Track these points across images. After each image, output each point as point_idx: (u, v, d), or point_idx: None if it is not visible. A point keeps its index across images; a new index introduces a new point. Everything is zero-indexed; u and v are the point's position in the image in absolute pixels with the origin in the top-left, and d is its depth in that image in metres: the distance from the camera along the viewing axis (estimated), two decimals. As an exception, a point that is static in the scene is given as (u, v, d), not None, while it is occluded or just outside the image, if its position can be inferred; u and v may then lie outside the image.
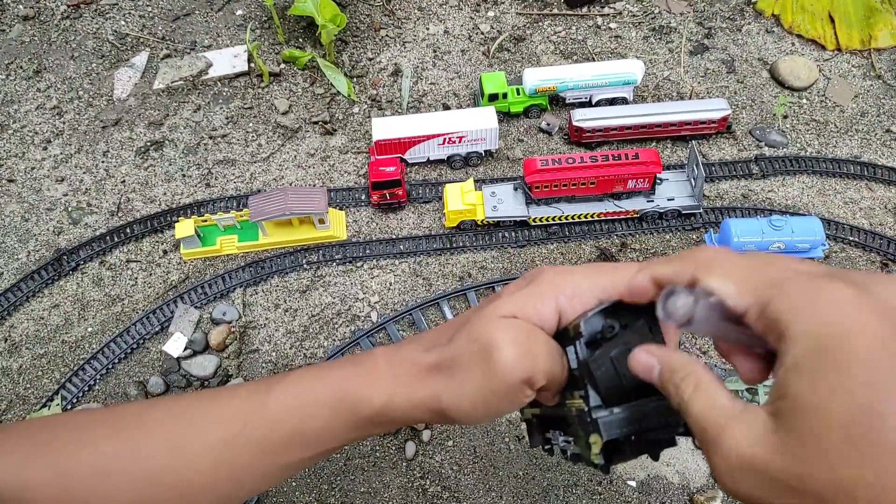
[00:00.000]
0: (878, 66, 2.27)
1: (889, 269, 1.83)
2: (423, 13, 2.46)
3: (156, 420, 0.65)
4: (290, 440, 0.63)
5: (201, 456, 0.62)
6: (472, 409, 0.59)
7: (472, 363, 0.58)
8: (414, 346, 0.65)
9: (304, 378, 0.66)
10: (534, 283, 0.60)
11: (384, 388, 0.62)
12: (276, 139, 2.14)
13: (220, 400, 0.66)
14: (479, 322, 0.59)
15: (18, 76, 2.31)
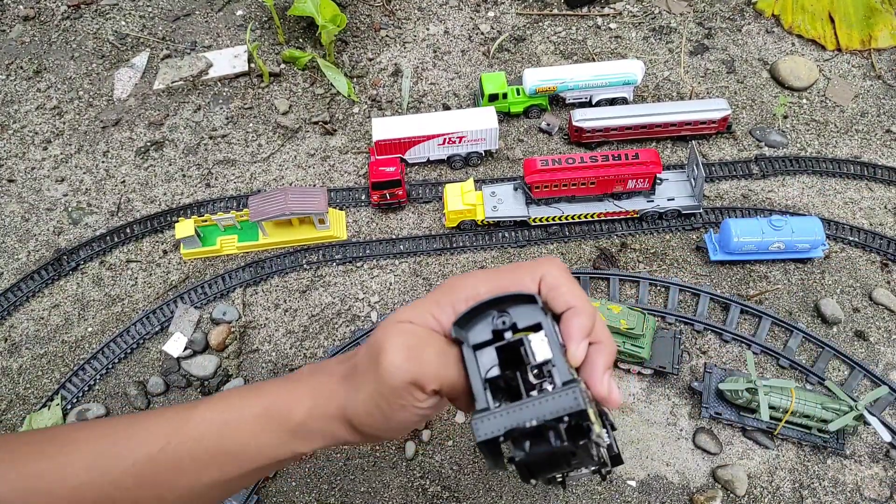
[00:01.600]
0: (878, 66, 2.27)
1: (889, 268, 1.83)
2: (423, 13, 2.46)
3: (82, 439, 0.65)
4: (214, 456, 0.63)
5: (125, 473, 0.62)
6: (367, 416, 0.60)
7: (366, 369, 0.59)
8: (335, 360, 0.66)
9: (230, 395, 0.66)
10: (435, 291, 0.62)
11: (305, 400, 0.62)
12: (276, 139, 2.14)
13: (147, 419, 0.66)
14: (377, 329, 0.61)
15: (19, 76, 2.31)
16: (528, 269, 0.62)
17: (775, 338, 1.71)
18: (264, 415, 0.63)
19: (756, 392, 1.49)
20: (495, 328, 0.58)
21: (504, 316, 0.58)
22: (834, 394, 1.53)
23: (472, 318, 0.58)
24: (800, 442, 1.54)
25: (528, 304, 0.58)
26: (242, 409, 0.64)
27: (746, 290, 1.79)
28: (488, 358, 0.58)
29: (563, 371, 0.56)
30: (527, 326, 0.58)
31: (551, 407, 0.53)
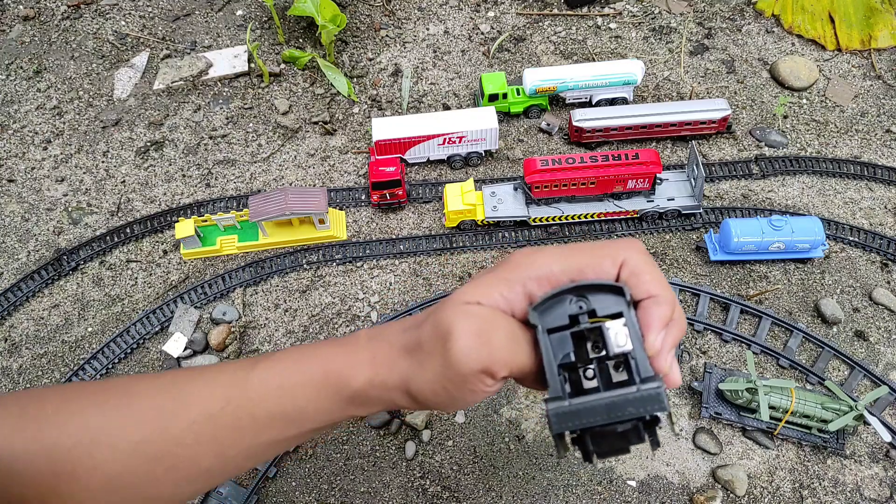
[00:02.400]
0: (878, 66, 2.27)
1: (889, 268, 1.83)
2: (423, 13, 2.46)
3: (143, 393, 0.65)
4: (273, 418, 0.63)
5: (185, 430, 0.62)
6: (433, 396, 0.58)
7: (433, 349, 0.58)
8: (395, 329, 0.64)
9: (287, 357, 0.65)
10: (501, 268, 0.59)
11: (364, 368, 0.61)
12: (276, 139, 2.14)
13: (205, 376, 0.66)
14: (442, 308, 0.58)
15: (18, 76, 2.31)
16: (608, 251, 0.58)
17: (775, 338, 1.71)
18: (322, 381, 0.62)
19: (756, 392, 1.49)
20: (572, 313, 0.55)
21: (582, 301, 0.55)
22: (834, 394, 1.53)
23: (547, 301, 0.56)
24: (800, 442, 1.54)
25: (610, 293, 0.56)
26: (300, 373, 0.63)
27: (746, 290, 1.79)
28: (562, 343, 0.56)
29: (643, 365, 0.54)
30: (606, 315, 0.56)
31: (634, 405, 0.52)
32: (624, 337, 0.54)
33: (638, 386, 0.53)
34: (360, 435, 1.59)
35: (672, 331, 0.57)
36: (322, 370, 0.63)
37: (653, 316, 0.56)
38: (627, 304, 0.55)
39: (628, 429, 0.53)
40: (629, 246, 0.58)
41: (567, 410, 0.53)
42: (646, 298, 0.57)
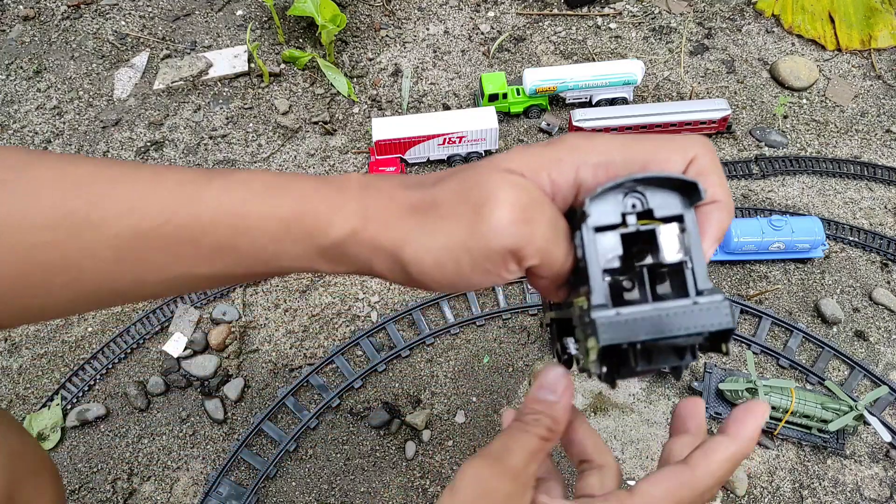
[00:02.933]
0: (878, 66, 2.27)
1: (889, 268, 1.83)
2: (423, 13, 2.46)
3: (46, 182, 0.49)
4: (220, 250, 0.51)
5: (102, 243, 0.49)
6: (435, 267, 0.49)
7: (455, 212, 0.48)
8: (396, 182, 0.54)
9: (253, 179, 0.52)
10: (553, 146, 0.50)
11: (350, 217, 0.50)
12: (276, 139, 2.14)
13: (141, 180, 0.51)
14: (477, 170, 0.50)
15: (18, 76, 2.31)
16: (678, 144, 0.50)
17: (775, 338, 1.71)
18: (294, 220, 0.50)
19: (756, 392, 1.49)
20: (625, 211, 0.48)
21: (637, 197, 0.48)
22: (834, 394, 1.53)
23: (604, 192, 0.47)
24: (800, 442, 1.55)
25: (673, 190, 0.48)
26: (268, 204, 0.51)
27: (746, 290, 1.79)
28: (610, 244, 0.48)
29: (702, 277, 0.47)
30: (663, 216, 0.48)
31: (696, 320, 0.45)
32: (679, 244, 0.47)
33: (696, 298, 0.46)
34: (360, 435, 1.59)
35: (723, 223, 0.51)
36: (296, 207, 0.51)
37: (713, 222, 0.50)
38: (688, 204, 0.48)
39: (687, 343, 0.47)
40: (701, 142, 0.51)
41: (616, 320, 0.45)
42: (709, 202, 0.50)
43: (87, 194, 0.49)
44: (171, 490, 1.54)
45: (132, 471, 1.57)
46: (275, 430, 1.59)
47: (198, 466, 1.57)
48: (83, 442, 1.60)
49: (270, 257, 0.51)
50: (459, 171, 0.51)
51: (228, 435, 1.60)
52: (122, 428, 1.62)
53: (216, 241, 0.50)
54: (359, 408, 1.63)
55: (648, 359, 0.47)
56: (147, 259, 0.50)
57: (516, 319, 1.75)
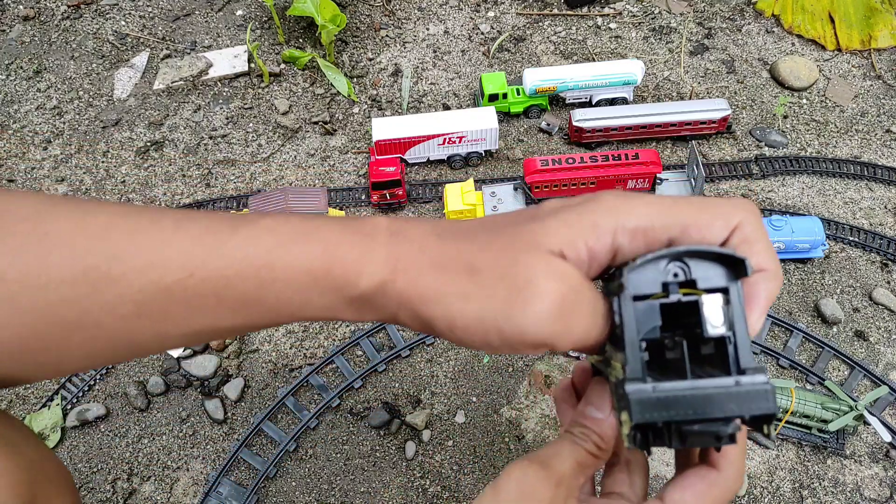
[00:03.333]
0: (878, 66, 2.27)
1: (889, 268, 1.83)
2: (423, 13, 2.46)
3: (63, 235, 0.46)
4: (245, 304, 0.48)
5: (124, 298, 0.46)
6: (463, 330, 0.47)
7: (493, 285, 0.46)
8: (428, 228, 0.50)
9: (280, 228, 0.49)
10: (589, 208, 0.47)
11: (379, 267, 0.48)
12: (276, 139, 2.14)
13: (162, 230, 0.48)
14: (518, 241, 0.47)
15: (18, 76, 2.31)
16: (721, 209, 0.47)
17: (775, 338, 1.71)
18: (322, 271, 0.48)
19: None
20: (666, 280, 0.45)
21: (680, 266, 0.45)
22: (834, 394, 1.53)
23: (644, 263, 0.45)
24: (800, 442, 1.55)
25: (716, 262, 0.45)
26: (294, 254, 0.48)
27: (746, 290, 1.79)
28: (648, 315, 0.45)
29: (745, 354, 0.44)
30: (708, 287, 0.45)
31: (736, 401, 0.43)
32: (723, 317, 0.45)
33: (737, 378, 0.43)
34: (360, 435, 1.59)
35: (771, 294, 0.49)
36: (324, 257, 0.48)
37: (761, 292, 0.47)
38: (736, 279, 0.46)
39: (724, 429, 0.44)
40: (745, 207, 0.48)
41: (651, 397, 0.43)
42: (757, 272, 0.48)
43: (107, 248, 0.46)
44: (171, 490, 1.54)
45: (132, 471, 1.57)
46: (275, 430, 1.59)
47: (198, 466, 1.57)
48: (83, 442, 1.60)
49: (296, 309, 0.49)
50: (499, 232, 0.48)
51: (228, 435, 1.60)
52: (122, 428, 1.62)
53: (241, 295, 0.48)
54: (359, 408, 1.63)
55: (682, 439, 0.45)
56: (169, 313, 0.47)
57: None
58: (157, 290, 0.46)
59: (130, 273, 0.46)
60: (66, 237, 0.46)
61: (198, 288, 0.47)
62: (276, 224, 0.49)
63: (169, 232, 0.48)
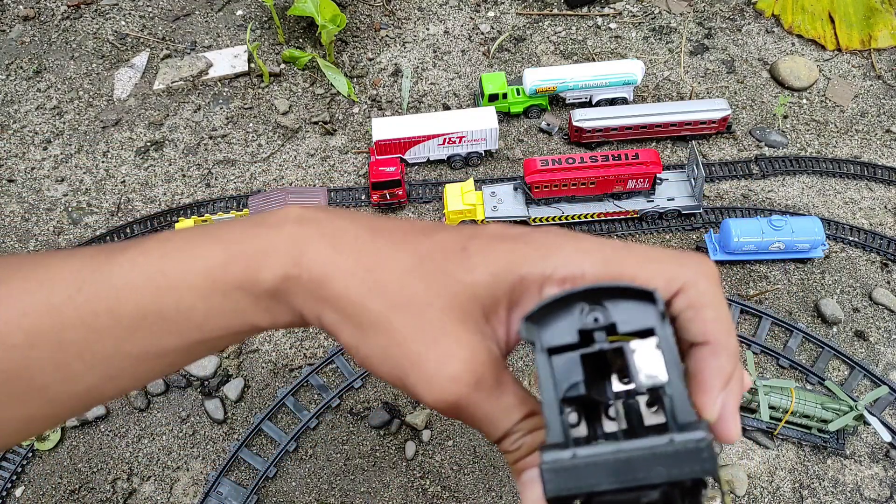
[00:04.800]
0: (878, 66, 2.27)
1: (889, 268, 1.83)
2: (423, 13, 2.46)
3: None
4: (144, 318, 0.44)
5: (11, 325, 0.43)
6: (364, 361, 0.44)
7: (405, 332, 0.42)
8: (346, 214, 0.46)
9: (173, 237, 0.46)
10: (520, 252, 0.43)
11: (282, 258, 0.43)
12: (276, 139, 2.14)
13: (53, 259, 0.46)
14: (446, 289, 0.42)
15: (18, 76, 2.31)
16: (665, 267, 0.41)
17: (775, 338, 1.71)
18: (220, 269, 0.43)
19: (756, 392, 1.49)
20: (583, 327, 0.39)
21: (598, 311, 0.39)
22: (834, 394, 1.53)
23: (545, 307, 0.40)
24: (800, 442, 1.54)
25: (637, 300, 0.39)
26: (192, 257, 0.44)
27: (746, 290, 1.79)
28: (568, 369, 0.40)
29: (682, 406, 0.38)
30: (630, 332, 0.39)
31: (664, 463, 0.35)
32: (656, 363, 0.39)
33: (672, 436, 0.36)
34: (360, 435, 1.59)
35: (734, 389, 0.41)
36: (223, 256, 0.44)
37: (710, 369, 0.41)
38: (661, 316, 0.39)
39: (655, 499, 0.36)
40: (696, 267, 0.42)
41: (568, 465, 0.36)
42: (701, 343, 0.41)
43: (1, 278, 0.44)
44: (171, 490, 1.54)
45: (132, 471, 1.57)
46: (275, 430, 1.59)
47: (198, 466, 1.57)
48: (83, 442, 1.60)
49: (202, 319, 0.44)
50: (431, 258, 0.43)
51: (228, 435, 1.60)
52: (122, 428, 1.62)
53: (137, 308, 0.43)
54: (359, 408, 1.63)
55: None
56: (64, 338, 0.43)
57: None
58: (44, 311, 0.43)
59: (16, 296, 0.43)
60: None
61: (89, 304, 0.43)
62: (171, 235, 0.46)
63: (59, 258, 0.46)
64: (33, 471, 1.57)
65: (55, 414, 0.46)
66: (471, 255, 0.43)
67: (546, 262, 0.42)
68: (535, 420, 0.43)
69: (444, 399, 0.41)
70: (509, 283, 0.42)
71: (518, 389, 0.43)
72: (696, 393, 0.41)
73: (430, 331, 0.41)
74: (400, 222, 0.47)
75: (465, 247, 0.43)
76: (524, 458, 0.43)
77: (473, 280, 0.42)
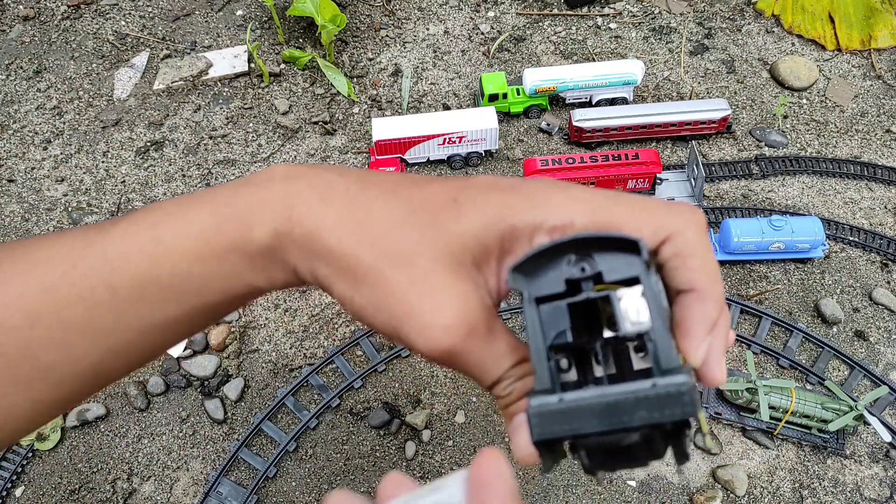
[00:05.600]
0: (878, 66, 2.27)
1: (889, 268, 1.83)
2: (423, 13, 2.46)
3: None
4: (142, 288, 0.43)
5: (9, 307, 0.42)
6: (357, 313, 0.44)
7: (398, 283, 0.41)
8: (334, 168, 0.46)
9: (165, 204, 0.46)
10: (509, 201, 0.43)
11: (273, 214, 0.43)
12: (276, 139, 2.14)
13: (44, 241, 0.46)
14: (437, 240, 0.42)
15: (18, 76, 2.31)
16: (654, 216, 0.42)
17: (775, 338, 1.71)
18: (213, 231, 0.43)
19: (756, 392, 1.49)
20: (570, 277, 0.40)
21: (585, 261, 0.40)
22: (834, 394, 1.53)
23: (532, 258, 0.41)
24: (800, 442, 1.55)
25: (623, 249, 0.40)
26: (183, 223, 0.44)
27: (746, 290, 1.79)
28: (555, 317, 0.40)
29: (665, 351, 0.39)
30: (616, 280, 0.40)
31: (646, 407, 0.37)
32: (641, 310, 0.39)
33: (655, 380, 0.37)
34: (360, 435, 1.59)
35: (719, 334, 0.42)
36: (214, 218, 0.44)
37: (694, 314, 0.42)
38: (646, 264, 0.40)
39: (636, 441, 0.38)
40: (684, 215, 0.43)
41: (554, 409, 0.38)
42: (687, 291, 0.42)
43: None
44: (171, 490, 1.54)
45: (132, 471, 1.57)
46: (275, 430, 1.59)
47: (198, 466, 1.57)
48: (83, 442, 1.60)
49: (200, 284, 0.44)
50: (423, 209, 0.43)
51: (228, 435, 1.61)
52: (122, 428, 1.62)
53: (134, 278, 0.43)
54: (359, 408, 1.63)
55: (599, 460, 0.39)
56: (63, 316, 0.43)
57: (516, 319, 1.75)
58: (40, 290, 0.43)
59: (11, 278, 0.43)
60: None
61: (85, 279, 0.43)
62: (159, 204, 0.46)
63: (50, 239, 0.46)
64: (33, 471, 1.57)
65: (63, 396, 0.46)
66: (461, 205, 0.43)
67: (536, 212, 0.42)
68: (526, 366, 0.44)
69: (438, 348, 0.41)
70: (500, 232, 0.42)
71: (509, 337, 0.44)
72: (681, 338, 0.41)
73: (423, 281, 0.41)
74: (389, 175, 0.46)
75: (456, 198, 0.43)
76: (514, 402, 0.44)
77: (464, 230, 0.42)
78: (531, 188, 0.44)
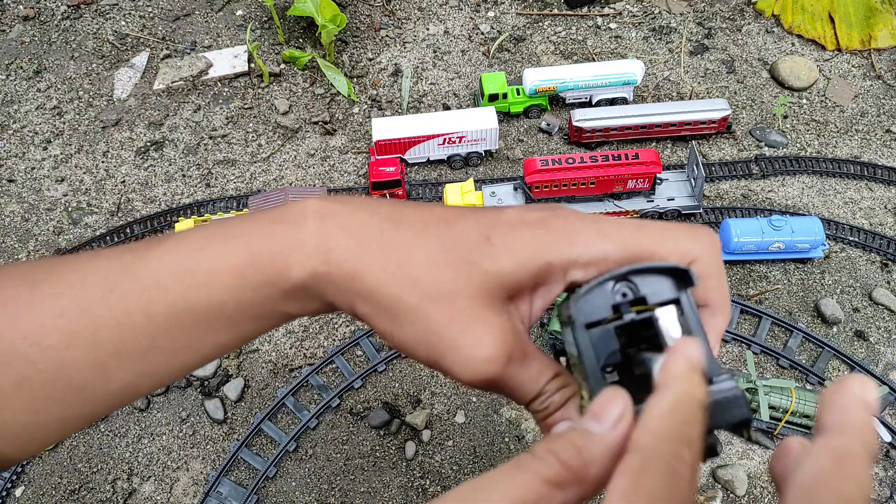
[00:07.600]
0: (878, 66, 2.27)
1: (889, 268, 1.83)
2: (423, 13, 2.46)
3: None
4: (176, 315, 0.45)
5: (45, 326, 0.43)
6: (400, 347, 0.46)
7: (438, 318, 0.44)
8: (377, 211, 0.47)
9: (197, 235, 0.47)
10: (541, 237, 0.46)
11: (309, 257, 0.45)
12: (276, 139, 2.14)
13: (80, 262, 0.47)
14: (472, 277, 0.44)
15: (18, 76, 2.31)
16: (679, 245, 0.46)
17: (775, 338, 1.71)
18: (249, 267, 0.45)
19: (756, 392, 1.49)
20: (615, 302, 0.44)
21: (627, 285, 0.44)
22: (834, 394, 1.53)
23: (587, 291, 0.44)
24: (800, 442, 1.54)
25: (662, 275, 0.44)
26: (218, 254, 0.45)
27: (746, 290, 1.79)
28: (605, 341, 0.44)
29: (712, 362, 0.43)
30: (658, 302, 0.44)
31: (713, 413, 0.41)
32: (679, 326, 0.44)
33: (710, 388, 0.42)
34: (360, 435, 1.59)
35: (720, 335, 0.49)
36: (247, 253, 0.45)
37: (709, 329, 0.46)
38: (685, 288, 0.44)
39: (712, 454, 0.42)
40: (704, 241, 0.47)
41: None
42: (701, 306, 0.47)
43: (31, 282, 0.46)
44: (171, 490, 1.54)
45: (132, 471, 1.57)
46: (275, 430, 1.59)
47: (198, 466, 1.57)
48: (83, 442, 1.60)
49: (235, 312, 0.46)
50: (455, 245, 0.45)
51: (228, 435, 1.61)
52: (122, 428, 1.62)
53: (169, 305, 0.45)
54: (359, 408, 1.63)
55: None
56: (99, 338, 0.44)
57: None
58: (79, 312, 0.44)
59: (49, 298, 0.44)
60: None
61: (121, 304, 0.44)
62: (190, 233, 0.47)
63: (84, 260, 0.47)
64: (33, 471, 1.57)
65: (91, 413, 0.47)
66: (494, 245, 0.45)
67: (571, 249, 0.45)
68: (560, 380, 0.47)
69: (480, 377, 0.45)
70: (535, 269, 0.45)
71: (542, 356, 0.48)
72: None
73: (463, 318, 0.44)
74: (419, 210, 0.48)
75: (489, 236, 0.46)
76: (552, 414, 0.47)
77: (500, 270, 0.45)
78: (558, 223, 0.46)
